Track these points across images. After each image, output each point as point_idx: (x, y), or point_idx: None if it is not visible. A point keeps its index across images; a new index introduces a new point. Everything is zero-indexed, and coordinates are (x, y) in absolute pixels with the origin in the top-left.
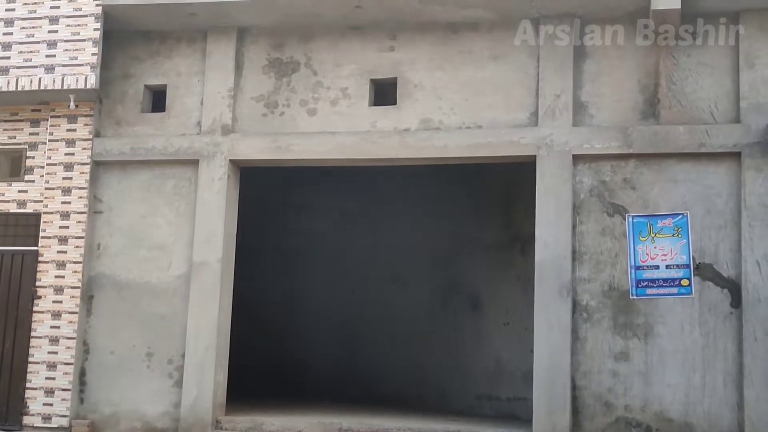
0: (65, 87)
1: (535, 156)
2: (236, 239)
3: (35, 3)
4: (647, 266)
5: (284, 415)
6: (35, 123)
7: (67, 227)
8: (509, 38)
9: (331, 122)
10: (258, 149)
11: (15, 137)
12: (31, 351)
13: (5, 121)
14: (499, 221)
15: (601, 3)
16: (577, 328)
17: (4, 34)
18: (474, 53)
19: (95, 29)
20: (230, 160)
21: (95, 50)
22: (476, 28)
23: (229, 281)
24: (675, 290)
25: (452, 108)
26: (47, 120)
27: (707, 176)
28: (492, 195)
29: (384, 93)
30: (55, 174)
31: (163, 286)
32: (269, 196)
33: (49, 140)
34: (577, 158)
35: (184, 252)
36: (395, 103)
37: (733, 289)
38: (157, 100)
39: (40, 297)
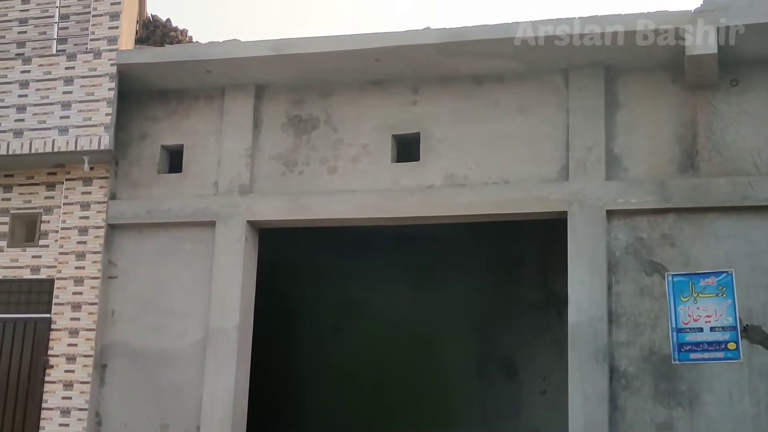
0: (79, 148)
1: (566, 212)
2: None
3: (50, 64)
4: (690, 329)
5: None
6: (51, 186)
7: (81, 293)
8: (537, 90)
9: (352, 180)
10: (277, 209)
11: (30, 201)
12: (42, 423)
13: (21, 185)
14: (534, 282)
15: (632, 51)
16: (615, 397)
17: (19, 96)
18: (500, 105)
19: (110, 89)
20: (248, 221)
21: (109, 110)
22: (502, 80)
23: (247, 348)
24: (721, 354)
25: (478, 163)
26: (62, 183)
27: (752, 231)
28: (526, 253)
29: (407, 149)
30: (69, 238)
31: (179, 354)
32: (289, 259)
33: (64, 203)
34: (611, 214)
35: (201, 318)
36: (418, 159)
37: None
38: (174, 160)
39: (52, 366)
